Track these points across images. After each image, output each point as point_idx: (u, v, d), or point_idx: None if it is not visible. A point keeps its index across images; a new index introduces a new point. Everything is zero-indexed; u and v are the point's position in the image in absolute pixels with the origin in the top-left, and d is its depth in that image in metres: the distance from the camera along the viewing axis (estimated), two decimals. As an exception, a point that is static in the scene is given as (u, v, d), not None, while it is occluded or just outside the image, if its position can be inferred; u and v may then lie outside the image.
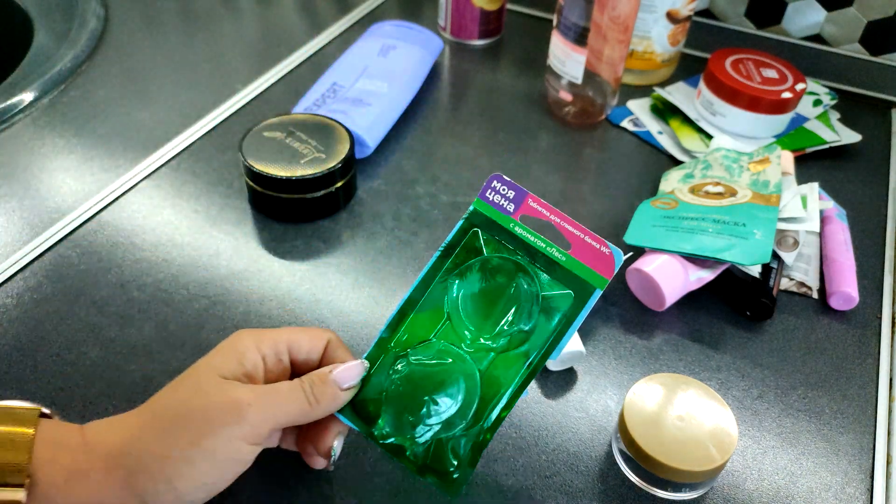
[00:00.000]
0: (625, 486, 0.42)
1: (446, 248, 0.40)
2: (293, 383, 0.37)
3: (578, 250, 0.38)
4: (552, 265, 0.39)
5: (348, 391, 0.38)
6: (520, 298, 0.39)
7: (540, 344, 0.38)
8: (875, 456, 0.45)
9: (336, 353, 0.39)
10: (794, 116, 0.70)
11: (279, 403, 0.35)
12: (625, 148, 0.68)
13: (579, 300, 0.38)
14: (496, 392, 0.38)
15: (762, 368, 0.49)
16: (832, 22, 0.76)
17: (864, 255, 0.58)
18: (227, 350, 0.37)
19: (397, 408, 0.38)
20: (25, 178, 0.61)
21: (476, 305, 0.39)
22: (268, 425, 0.35)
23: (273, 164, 0.55)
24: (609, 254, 0.38)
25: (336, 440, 0.39)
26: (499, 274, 0.39)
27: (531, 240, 0.39)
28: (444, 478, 0.38)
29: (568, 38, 0.65)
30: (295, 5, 0.87)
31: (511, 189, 0.40)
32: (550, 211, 0.39)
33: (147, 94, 0.71)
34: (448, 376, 0.38)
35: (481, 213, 0.40)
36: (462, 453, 0.38)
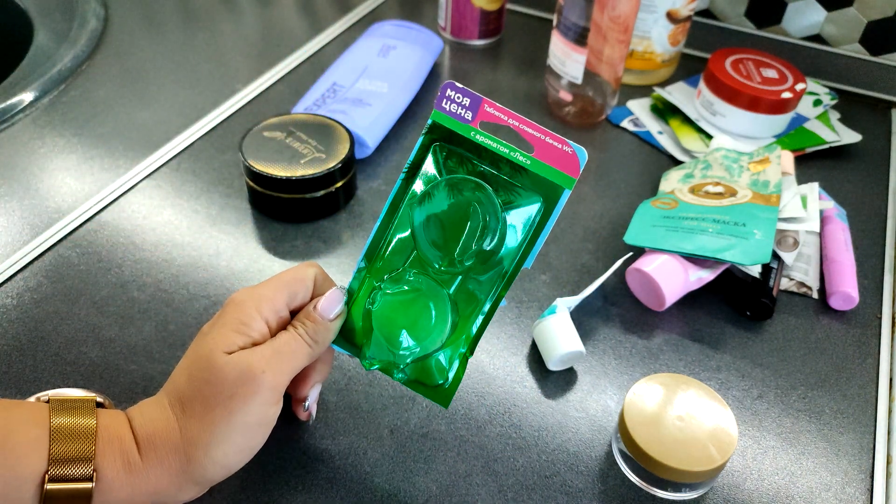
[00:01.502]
0: (625, 486, 0.42)
1: (410, 169, 0.39)
2: (291, 334, 0.38)
3: (542, 152, 0.38)
4: (517, 170, 0.38)
5: (337, 320, 0.39)
6: (479, 217, 0.38)
7: (513, 251, 0.39)
8: (875, 456, 0.45)
9: (322, 286, 0.40)
10: (794, 116, 0.70)
11: (287, 359, 0.37)
12: (625, 148, 0.68)
13: (549, 203, 0.38)
14: (474, 307, 0.39)
15: (762, 368, 0.49)
16: (832, 22, 0.76)
17: (864, 255, 0.58)
18: (231, 323, 0.37)
19: (377, 338, 0.39)
20: (25, 178, 0.61)
21: (437, 231, 0.39)
22: (284, 383, 0.36)
23: (273, 164, 0.55)
24: (572, 152, 0.37)
25: (312, 389, 0.41)
26: (459, 194, 0.39)
27: (493, 146, 0.38)
28: (433, 389, 0.40)
29: (568, 38, 0.65)
30: (295, 5, 0.87)
31: (466, 96, 0.38)
32: (508, 115, 0.38)
33: (147, 94, 0.71)
34: (420, 305, 0.39)
35: (440, 125, 0.39)
36: (447, 367, 0.39)
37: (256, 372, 0.35)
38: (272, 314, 0.38)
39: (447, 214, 0.39)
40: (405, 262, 0.40)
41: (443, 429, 0.45)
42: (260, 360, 0.35)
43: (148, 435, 0.35)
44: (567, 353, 0.46)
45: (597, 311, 0.52)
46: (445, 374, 0.39)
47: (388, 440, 0.44)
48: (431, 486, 0.42)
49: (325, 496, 0.41)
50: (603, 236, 0.58)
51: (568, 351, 0.46)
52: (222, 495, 0.41)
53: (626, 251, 0.57)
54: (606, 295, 0.54)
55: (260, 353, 0.36)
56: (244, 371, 0.35)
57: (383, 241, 0.40)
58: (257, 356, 0.36)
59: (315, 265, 0.41)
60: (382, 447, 0.43)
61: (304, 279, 0.40)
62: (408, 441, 0.44)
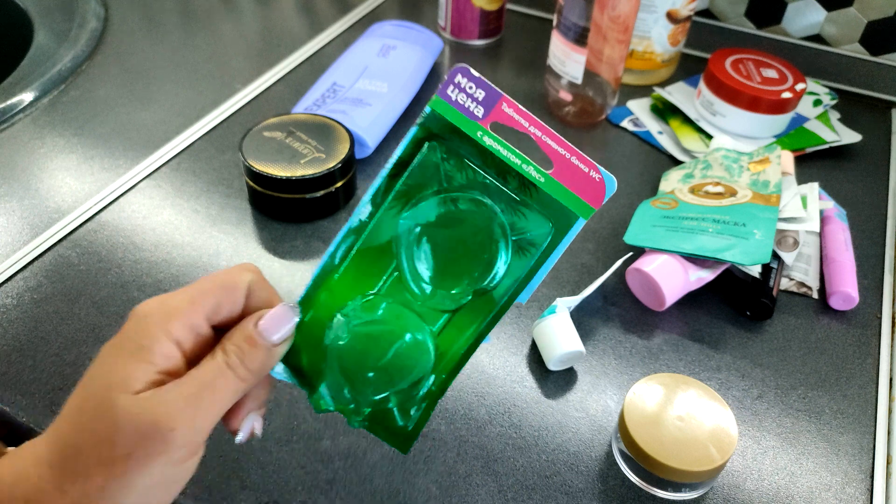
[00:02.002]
0: (625, 486, 0.42)
1: (396, 166, 0.32)
2: (217, 364, 0.30)
3: (561, 171, 0.31)
4: (527, 187, 0.32)
5: (282, 345, 0.31)
6: (487, 250, 0.32)
7: (508, 285, 0.33)
8: (875, 456, 0.45)
9: (260, 297, 0.32)
10: (794, 116, 0.70)
11: (209, 402, 0.29)
12: (625, 148, 0.68)
13: (558, 231, 0.32)
14: (452, 343, 0.33)
15: (762, 368, 0.49)
16: (832, 22, 0.76)
17: (864, 255, 0.58)
18: (130, 349, 0.29)
19: (337, 381, 0.33)
20: (25, 178, 0.61)
21: (432, 258, 0.32)
22: (203, 432, 0.29)
23: (273, 164, 0.55)
24: (600, 179, 0.31)
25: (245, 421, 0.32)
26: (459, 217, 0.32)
27: (503, 154, 0.32)
28: (393, 432, 0.34)
29: (568, 38, 0.65)
30: (295, 5, 0.87)
31: (480, 87, 0.31)
32: (530, 121, 0.31)
33: (147, 94, 0.71)
34: (393, 345, 0.32)
35: (441, 117, 0.31)
36: (413, 411, 0.34)
37: (163, 429, 0.27)
38: (186, 332, 0.30)
39: (447, 239, 0.32)
40: (380, 284, 0.33)
41: (443, 429, 0.45)
42: (170, 411, 0.28)
43: (13, 498, 0.28)
44: (567, 353, 0.46)
45: (597, 311, 0.52)
46: (409, 415, 0.34)
47: (388, 440, 0.44)
48: (431, 486, 0.42)
49: (324, 497, 0.41)
50: (603, 236, 0.58)
51: (568, 351, 0.46)
52: (222, 495, 0.41)
53: (626, 251, 0.57)
54: (606, 295, 0.54)
55: (172, 398, 0.28)
56: (147, 426, 0.27)
57: (355, 245, 0.33)
58: (168, 404, 0.28)
59: (252, 269, 0.32)
60: (382, 448, 0.43)
61: (234, 287, 0.31)
62: (408, 441, 0.44)
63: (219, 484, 0.41)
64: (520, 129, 0.31)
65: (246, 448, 0.43)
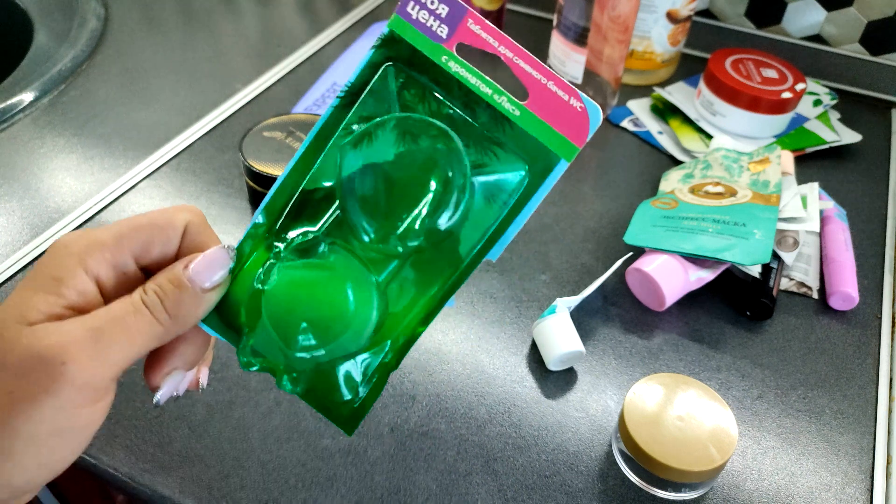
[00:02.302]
0: (625, 486, 0.42)
1: (348, 93, 0.28)
2: (132, 302, 0.26)
3: (538, 101, 0.27)
4: (500, 121, 0.28)
5: (213, 291, 0.28)
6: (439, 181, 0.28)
7: (476, 236, 0.28)
8: (875, 456, 0.45)
9: (197, 239, 0.29)
10: (794, 116, 0.70)
11: (116, 341, 0.25)
12: (625, 148, 0.68)
13: (536, 175, 0.28)
14: (411, 302, 0.29)
15: (762, 368, 0.49)
16: (832, 22, 0.76)
17: (864, 255, 0.58)
18: (40, 281, 0.25)
19: (265, 329, 0.28)
20: (25, 178, 0.61)
21: (377, 193, 0.28)
22: (105, 376, 0.25)
23: (273, 164, 0.55)
24: (582, 108, 0.27)
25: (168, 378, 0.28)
26: (412, 142, 0.28)
27: (472, 81, 0.28)
28: (335, 409, 0.29)
29: (568, 38, 0.65)
30: (295, 5, 0.87)
31: (443, 2, 0.27)
32: (500, 39, 0.27)
33: (147, 94, 0.71)
34: (331, 290, 0.28)
35: (400, 39, 0.28)
36: (360, 379, 0.29)
37: (51, 362, 0.24)
38: (107, 269, 0.26)
39: (393, 168, 0.28)
40: (320, 226, 0.29)
41: (443, 428, 0.45)
42: (63, 342, 0.24)
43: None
44: (567, 353, 0.46)
45: (597, 311, 0.52)
46: (356, 388, 0.29)
47: (388, 438, 0.44)
48: (431, 484, 0.42)
49: (325, 494, 0.41)
50: (603, 236, 0.58)
51: (568, 351, 0.46)
52: (221, 493, 0.41)
53: (626, 251, 0.57)
54: (606, 295, 0.54)
55: (69, 329, 0.24)
56: (32, 358, 0.24)
57: (295, 191, 0.29)
58: (61, 335, 0.24)
59: (193, 210, 0.29)
60: (383, 445, 0.43)
61: (168, 225, 0.28)
62: (408, 439, 0.44)
63: (218, 482, 0.41)
64: (489, 49, 0.28)
65: (246, 446, 0.43)
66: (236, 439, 0.43)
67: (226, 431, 0.44)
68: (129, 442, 0.43)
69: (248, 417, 0.44)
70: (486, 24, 0.27)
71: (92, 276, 0.26)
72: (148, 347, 0.26)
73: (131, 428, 0.43)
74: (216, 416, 0.44)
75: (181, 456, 0.42)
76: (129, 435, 0.43)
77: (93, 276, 0.26)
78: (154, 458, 0.42)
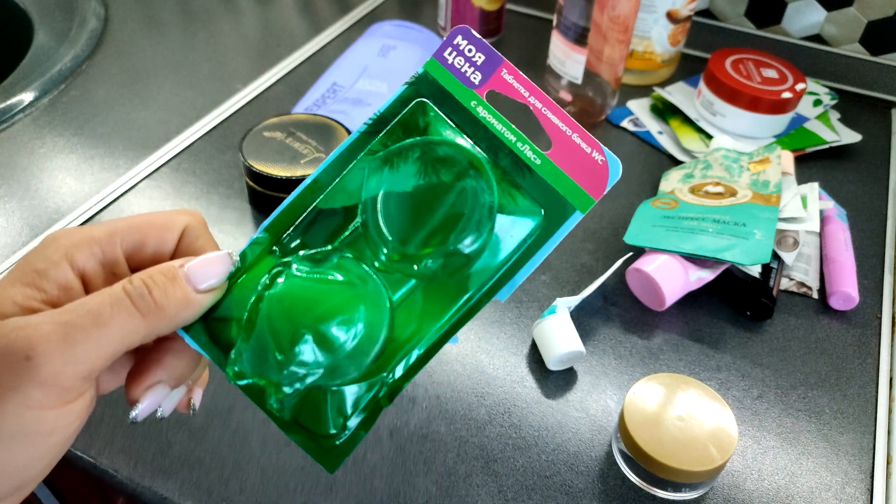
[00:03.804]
0: (625, 486, 0.42)
1: (376, 122, 0.29)
2: (108, 291, 0.24)
3: (560, 152, 0.28)
4: (520, 168, 0.28)
5: (207, 294, 0.26)
6: (467, 207, 0.28)
7: (486, 275, 0.28)
8: (875, 456, 0.45)
9: (195, 243, 0.27)
10: (794, 116, 0.70)
11: (90, 334, 0.23)
12: (625, 148, 0.68)
13: (550, 222, 0.28)
14: (414, 332, 0.28)
15: (762, 368, 0.49)
16: (832, 22, 0.76)
17: (864, 255, 0.58)
18: (23, 273, 0.24)
19: (261, 337, 0.27)
20: (25, 178, 0.61)
21: (403, 207, 0.28)
22: (75, 373, 0.23)
23: (273, 164, 0.55)
24: (602, 162, 0.28)
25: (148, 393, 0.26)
26: (444, 168, 0.28)
27: (497, 128, 0.28)
28: (318, 442, 0.27)
29: (568, 38, 0.65)
30: (295, 5, 0.87)
31: (480, 51, 0.28)
32: (531, 90, 0.28)
33: (147, 94, 0.71)
34: (343, 303, 0.27)
35: (433, 80, 0.29)
36: (349, 411, 0.27)
37: (15, 356, 0.22)
38: (94, 265, 0.25)
39: (424, 189, 0.28)
40: (336, 242, 0.28)
41: (442, 430, 0.45)
42: (31, 335, 0.22)
43: None
44: (567, 353, 0.46)
45: (597, 311, 0.52)
46: (344, 422, 0.27)
47: (387, 442, 0.44)
48: (431, 487, 0.42)
49: (324, 499, 0.41)
50: (603, 236, 0.58)
51: (568, 351, 0.46)
52: (221, 497, 0.41)
53: (626, 251, 0.57)
54: (606, 295, 0.54)
55: (38, 322, 0.22)
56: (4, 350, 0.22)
57: (307, 207, 0.28)
58: (29, 328, 0.22)
59: (194, 214, 0.27)
60: (382, 449, 0.43)
61: (166, 226, 0.26)
62: (407, 443, 0.44)
63: (218, 486, 0.41)
64: (519, 98, 0.28)
65: (245, 451, 0.43)
66: (236, 444, 0.43)
67: (225, 436, 0.44)
68: (128, 446, 0.43)
69: (247, 422, 0.44)
70: (518, 74, 0.28)
71: (77, 271, 0.25)
72: (125, 344, 0.24)
73: (130, 432, 0.43)
74: (216, 420, 0.44)
75: (181, 460, 0.42)
76: (128, 439, 0.43)
77: (78, 271, 0.25)
78: (154, 462, 0.42)
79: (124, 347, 0.24)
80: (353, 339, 0.27)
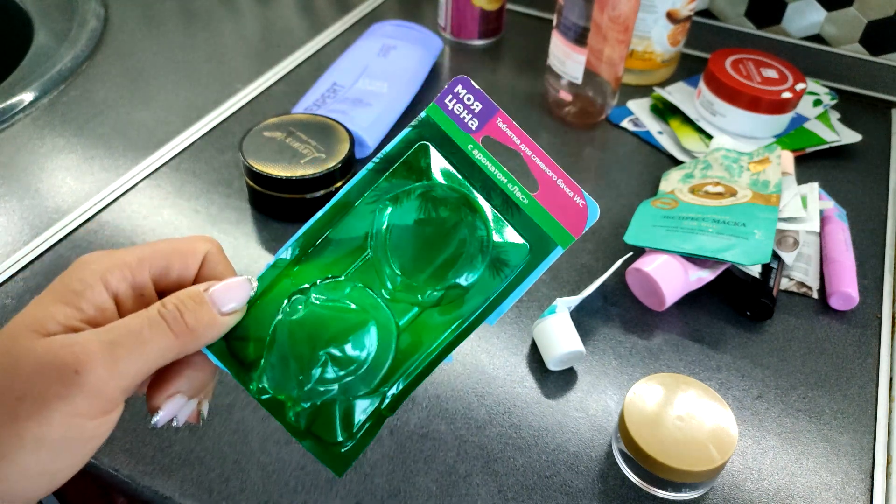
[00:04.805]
0: (625, 486, 0.42)
1: (383, 161, 0.32)
2: (146, 314, 0.26)
3: (546, 194, 0.31)
4: (510, 207, 0.32)
5: (231, 316, 0.29)
6: (465, 245, 0.32)
7: (479, 302, 0.31)
8: (875, 456, 0.45)
9: (215, 269, 0.30)
10: (794, 116, 0.70)
11: (131, 350, 0.25)
12: (625, 148, 0.68)
13: (535, 256, 0.31)
14: (413, 353, 0.31)
15: (762, 368, 0.49)
16: (832, 22, 0.76)
17: (864, 255, 0.58)
18: (60, 293, 0.26)
19: (283, 358, 0.30)
20: (25, 178, 0.61)
21: (409, 244, 0.32)
22: (117, 387, 0.25)
23: (273, 164, 0.55)
24: (583, 206, 0.31)
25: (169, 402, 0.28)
26: (442, 208, 0.32)
27: (490, 170, 0.32)
28: (328, 449, 0.31)
29: (568, 38, 0.65)
30: (295, 5, 0.87)
31: (478, 100, 0.31)
32: (522, 138, 0.31)
33: (147, 94, 0.71)
34: (357, 327, 0.31)
35: (434, 124, 0.32)
36: (356, 421, 0.31)
37: (65, 369, 0.24)
38: (126, 287, 0.27)
39: (427, 227, 0.32)
40: (348, 272, 0.32)
41: (443, 429, 0.45)
42: (78, 352, 0.24)
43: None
44: (567, 353, 0.46)
45: (597, 311, 0.52)
46: (351, 430, 0.31)
47: (388, 440, 0.44)
48: (431, 485, 0.42)
49: (324, 497, 0.41)
50: (603, 236, 0.58)
51: (568, 351, 0.46)
52: (221, 496, 0.41)
53: (626, 251, 0.57)
54: (606, 295, 0.54)
55: (84, 339, 0.25)
56: (46, 365, 0.24)
57: (322, 236, 0.32)
58: (77, 345, 0.25)
59: (213, 241, 0.30)
60: (382, 447, 0.43)
61: (189, 252, 0.29)
62: (408, 441, 0.44)
63: (218, 485, 0.41)
64: (511, 145, 0.32)
65: (246, 449, 0.43)
66: (236, 442, 0.43)
67: (226, 434, 0.44)
68: (129, 444, 0.43)
69: (248, 420, 0.44)
70: (512, 124, 0.32)
71: (111, 293, 0.27)
72: (159, 361, 0.27)
73: (131, 430, 0.43)
74: (216, 419, 0.44)
75: (181, 458, 0.42)
76: (128, 437, 0.43)
77: (112, 293, 0.27)
78: (154, 461, 0.42)
79: (159, 364, 0.27)
80: (366, 361, 0.31)
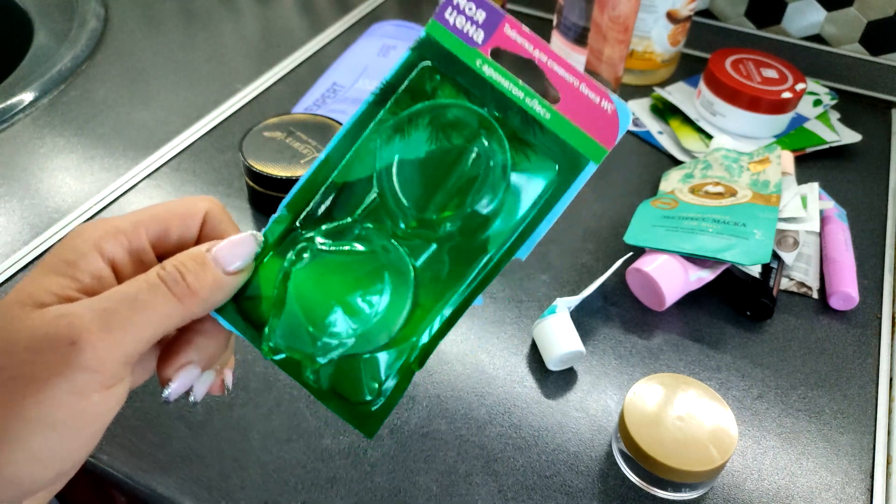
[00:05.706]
0: (625, 486, 0.42)
1: (383, 91, 0.29)
2: (144, 278, 0.25)
3: (570, 104, 0.28)
4: (530, 125, 0.28)
5: (236, 276, 0.27)
6: (481, 168, 0.28)
7: (506, 233, 0.28)
8: (875, 456, 0.45)
9: (218, 228, 0.28)
10: (794, 116, 0.70)
11: (131, 318, 0.24)
12: (625, 148, 0.68)
13: (565, 176, 0.28)
14: (438, 296, 0.28)
15: (762, 368, 0.49)
16: (832, 22, 0.76)
17: (864, 255, 0.58)
18: (53, 264, 0.25)
19: (293, 313, 0.28)
20: (25, 178, 0.61)
21: (418, 174, 0.28)
22: (117, 357, 0.24)
23: (273, 164, 0.55)
24: (612, 111, 0.27)
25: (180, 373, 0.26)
26: (455, 132, 0.28)
27: (504, 85, 0.28)
28: (355, 409, 0.28)
29: (568, 38, 0.65)
30: (295, 5, 0.87)
31: (481, 8, 0.28)
32: (535, 44, 0.28)
33: (147, 94, 0.71)
34: (368, 272, 0.28)
35: (436, 43, 0.28)
36: (383, 377, 0.28)
37: (60, 342, 0.23)
38: (123, 254, 0.26)
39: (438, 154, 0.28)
40: (355, 214, 0.29)
41: (443, 428, 0.45)
42: (73, 322, 0.23)
43: None
44: (567, 353, 0.46)
45: (597, 311, 0.52)
46: (379, 388, 0.28)
47: (388, 440, 0.44)
48: (432, 485, 0.42)
49: (324, 496, 0.41)
50: (603, 236, 0.58)
51: (568, 351, 0.46)
52: (221, 494, 0.41)
53: (626, 251, 0.57)
54: (606, 295, 0.54)
55: (79, 310, 0.23)
56: (40, 339, 0.23)
57: (323, 184, 0.29)
58: (71, 316, 0.23)
59: (212, 200, 0.28)
60: (383, 447, 0.43)
61: (188, 213, 0.27)
62: (408, 440, 0.44)
63: (218, 482, 0.41)
64: (523, 54, 0.28)
65: (246, 446, 0.43)
66: (236, 440, 0.43)
67: (225, 432, 0.44)
68: (127, 441, 0.43)
69: (248, 418, 0.44)
70: (521, 28, 0.28)
71: (107, 260, 0.25)
72: (163, 327, 0.25)
73: (130, 427, 0.43)
74: (216, 416, 0.44)
75: (181, 456, 0.42)
76: (127, 434, 0.43)
77: (108, 260, 0.25)
78: (153, 458, 0.42)
79: (162, 331, 0.25)
80: (381, 307, 0.28)
